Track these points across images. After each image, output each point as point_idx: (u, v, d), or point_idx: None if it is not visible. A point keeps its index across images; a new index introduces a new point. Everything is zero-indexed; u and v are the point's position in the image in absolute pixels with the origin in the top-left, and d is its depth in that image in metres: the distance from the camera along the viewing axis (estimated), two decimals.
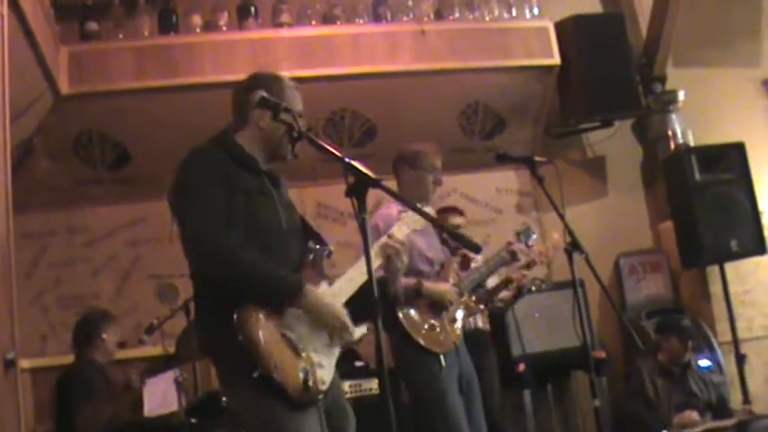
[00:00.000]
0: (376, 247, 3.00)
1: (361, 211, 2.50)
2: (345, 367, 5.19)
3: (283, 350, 2.66)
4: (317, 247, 2.95)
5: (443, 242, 4.34)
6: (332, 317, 2.76)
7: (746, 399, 5.78)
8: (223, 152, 2.84)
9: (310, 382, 2.63)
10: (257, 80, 2.98)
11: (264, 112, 2.85)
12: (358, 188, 2.52)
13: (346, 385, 4.99)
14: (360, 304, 2.84)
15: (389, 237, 3.09)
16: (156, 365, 4.79)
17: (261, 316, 2.65)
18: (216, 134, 2.96)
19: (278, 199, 2.89)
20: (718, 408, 5.50)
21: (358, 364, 5.32)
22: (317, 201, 5.90)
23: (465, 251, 4.60)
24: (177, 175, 2.80)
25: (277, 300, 2.69)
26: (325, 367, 2.74)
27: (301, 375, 2.63)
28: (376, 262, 2.97)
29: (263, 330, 2.64)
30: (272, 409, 2.63)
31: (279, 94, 2.91)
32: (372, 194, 2.53)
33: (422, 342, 3.97)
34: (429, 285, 4.04)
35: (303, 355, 2.69)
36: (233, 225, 2.72)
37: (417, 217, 3.17)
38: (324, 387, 2.71)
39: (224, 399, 4.36)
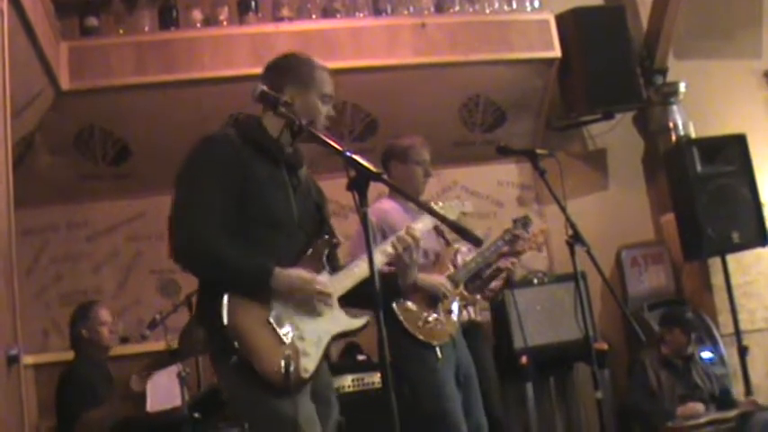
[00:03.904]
0: (393, 238, 3.02)
1: (362, 205, 2.51)
2: (347, 361, 5.23)
3: (266, 337, 2.68)
4: (323, 238, 2.97)
5: (438, 233, 4.35)
6: (306, 288, 2.77)
7: (749, 390, 5.79)
8: (240, 138, 2.85)
9: (291, 369, 2.65)
10: (288, 65, 3.01)
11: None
12: (359, 182, 2.52)
13: (348, 379, 4.99)
14: (362, 295, 2.85)
15: (408, 229, 3.08)
16: (158, 360, 4.79)
17: (248, 303, 2.69)
18: (239, 115, 2.96)
19: (293, 188, 2.90)
20: (722, 399, 5.51)
21: (360, 357, 5.32)
22: None
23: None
24: (183, 162, 2.83)
25: (248, 286, 2.71)
26: (310, 355, 2.75)
27: (283, 362, 2.64)
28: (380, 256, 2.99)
29: (248, 317, 2.68)
30: (252, 393, 2.68)
31: (309, 77, 2.95)
32: (373, 188, 2.54)
33: (418, 334, 3.98)
34: (423, 277, 4.03)
35: (287, 342, 2.70)
36: (233, 218, 2.74)
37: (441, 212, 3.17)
38: (306, 375, 2.72)
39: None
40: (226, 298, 2.66)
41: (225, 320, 2.63)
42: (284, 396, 2.65)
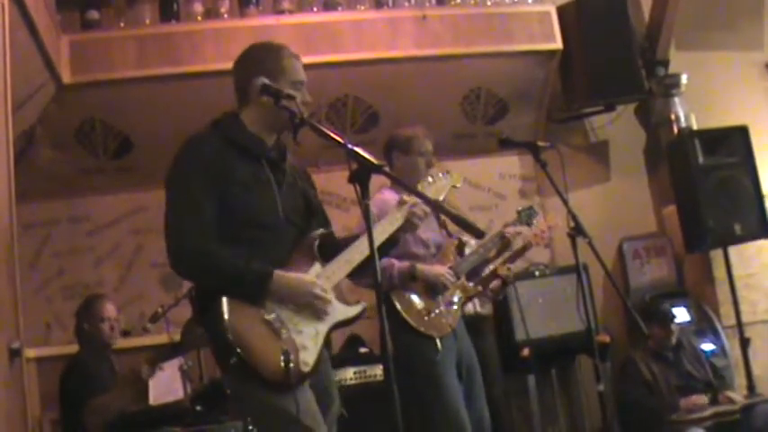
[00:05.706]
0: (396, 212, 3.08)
1: (363, 197, 2.51)
2: (349, 354, 5.23)
3: (263, 335, 2.69)
4: (314, 229, 2.97)
5: (441, 225, 4.34)
6: (304, 293, 2.78)
7: (751, 382, 5.79)
8: (220, 138, 2.85)
9: (291, 364, 2.65)
10: (255, 58, 2.97)
11: (267, 98, 2.85)
12: (361, 174, 2.52)
13: (351, 372, 5.00)
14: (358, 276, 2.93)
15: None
16: (160, 354, 4.80)
17: (243, 303, 2.70)
18: (220, 115, 2.97)
19: (276, 184, 2.89)
20: (718, 385, 5.50)
21: (362, 350, 5.33)
22: (320, 187, 5.81)
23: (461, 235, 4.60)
24: (170, 166, 2.84)
25: (246, 292, 2.71)
26: (308, 349, 2.76)
27: (282, 358, 2.66)
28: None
29: (243, 317, 2.68)
30: (254, 392, 2.69)
31: (277, 67, 2.92)
32: (375, 180, 2.54)
33: (417, 326, 3.97)
34: (423, 268, 4.03)
35: (284, 337, 2.72)
36: (219, 220, 2.75)
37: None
38: (306, 369, 2.73)
39: None
40: (225, 301, 2.67)
41: (226, 325, 2.64)
42: (285, 391, 2.66)
